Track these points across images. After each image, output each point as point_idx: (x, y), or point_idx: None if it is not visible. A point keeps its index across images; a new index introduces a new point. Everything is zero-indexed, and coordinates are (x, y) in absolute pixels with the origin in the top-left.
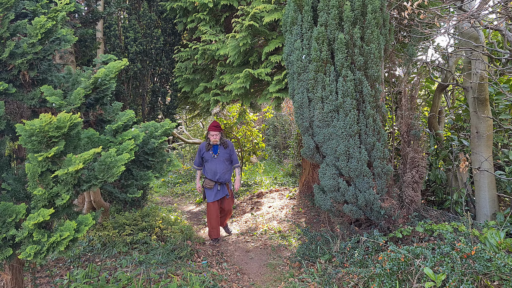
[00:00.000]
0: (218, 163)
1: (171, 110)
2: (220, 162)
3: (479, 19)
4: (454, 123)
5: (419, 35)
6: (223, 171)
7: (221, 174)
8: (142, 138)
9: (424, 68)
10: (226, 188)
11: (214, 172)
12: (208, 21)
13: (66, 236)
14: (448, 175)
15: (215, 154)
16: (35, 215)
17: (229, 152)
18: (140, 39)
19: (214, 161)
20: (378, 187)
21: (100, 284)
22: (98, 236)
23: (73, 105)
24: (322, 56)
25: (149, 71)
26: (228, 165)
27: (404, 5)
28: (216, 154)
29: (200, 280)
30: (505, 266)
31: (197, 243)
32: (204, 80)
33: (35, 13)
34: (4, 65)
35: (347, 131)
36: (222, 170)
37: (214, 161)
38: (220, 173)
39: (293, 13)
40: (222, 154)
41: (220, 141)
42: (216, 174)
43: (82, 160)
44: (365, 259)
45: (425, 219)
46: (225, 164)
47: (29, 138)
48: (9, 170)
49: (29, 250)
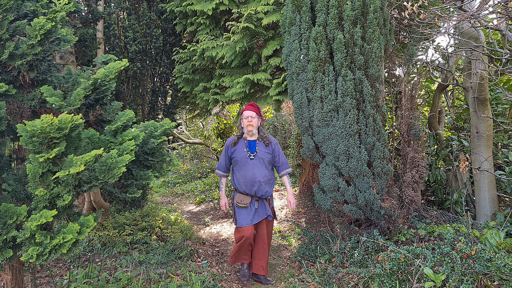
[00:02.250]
0: (256, 167)
1: (171, 110)
2: (259, 166)
3: (479, 19)
4: (454, 123)
5: (419, 35)
6: (264, 180)
7: (261, 185)
8: (142, 138)
9: (424, 68)
10: (267, 206)
11: (250, 181)
12: (207, 24)
13: (69, 238)
14: (448, 175)
15: (251, 154)
16: (37, 216)
17: (272, 152)
18: (139, 38)
19: (249, 164)
20: (378, 187)
21: (100, 284)
22: (98, 236)
23: (73, 105)
24: (321, 56)
25: (149, 71)
26: (270, 171)
27: (404, 5)
28: (254, 154)
29: (200, 280)
30: (505, 266)
31: (197, 243)
32: (203, 80)
33: (35, 13)
34: (3, 66)
35: (347, 131)
36: (263, 177)
37: (250, 164)
38: (260, 182)
39: (291, 13)
40: (262, 153)
41: (259, 133)
42: (254, 184)
43: (84, 162)
44: (365, 259)
45: (425, 219)
46: (266, 169)
47: (30, 139)
48: (10, 171)
49: (31, 252)
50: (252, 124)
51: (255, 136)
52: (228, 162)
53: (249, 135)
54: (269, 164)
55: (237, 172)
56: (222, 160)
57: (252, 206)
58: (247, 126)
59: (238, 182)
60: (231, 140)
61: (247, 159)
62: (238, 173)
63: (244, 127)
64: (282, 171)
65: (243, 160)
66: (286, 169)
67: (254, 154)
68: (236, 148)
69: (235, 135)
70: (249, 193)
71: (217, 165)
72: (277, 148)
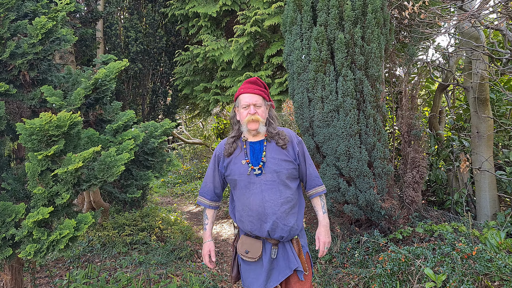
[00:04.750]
0: (267, 188)
1: (171, 110)
2: (271, 185)
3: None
4: (454, 123)
5: (419, 34)
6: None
7: (279, 218)
8: (142, 138)
9: (425, 68)
10: (293, 252)
11: (258, 215)
12: (209, 26)
13: (65, 234)
14: (449, 175)
15: (255, 166)
16: (34, 214)
17: (292, 156)
18: (141, 38)
19: (254, 184)
20: (379, 187)
21: (100, 284)
22: (97, 236)
23: (73, 105)
24: (322, 56)
25: (149, 71)
26: (293, 190)
27: (404, 4)
28: (259, 166)
29: (200, 281)
30: (505, 266)
31: (197, 243)
32: (204, 80)
33: (35, 13)
34: (4, 65)
35: (347, 131)
36: (280, 205)
37: (256, 184)
38: (276, 214)
39: (293, 13)
40: (274, 162)
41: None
42: (265, 218)
43: (82, 158)
44: (366, 259)
45: (425, 219)
46: (286, 188)
47: (29, 137)
48: (9, 170)
49: (29, 249)
50: (258, 119)
51: (261, 135)
52: (220, 183)
53: (251, 134)
54: (290, 178)
55: (237, 199)
56: (209, 179)
57: (266, 257)
58: (249, 123)
59: (240, 216)
60: (222, 147)
61: (249, 177)
62: (239, 202)
63: (243, 123)
64: (311, 189)
65: (243, 179)
66: (317, 186)
67: (260, 165)
68: (231, 159)
69: (229, 135)
70: (258, 234)
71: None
72: (302, 150)
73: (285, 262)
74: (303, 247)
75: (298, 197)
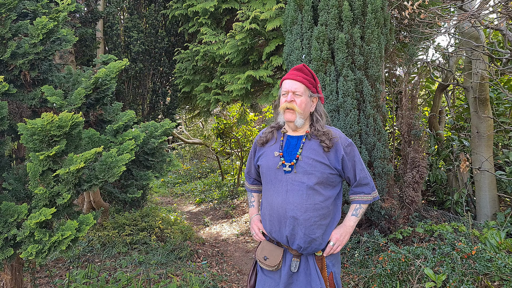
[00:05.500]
0: (293, 188)
1: (171, 110)
2: (298, 187)
3: (479, 18)
4: (454, 123)
5: (419, 34)
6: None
7: (299, 225)
8: (142, 138)
9: (425, 68)
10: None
11: (278, 216)
12: (209, 24)
13: (67, 235)
14: (449, 175)
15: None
16: (36, 214)
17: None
18: (142, 38)
19: (281, 181)
20: (379, 187)
21: (100, 284)
22: (97, 236)
23: (74, 105)
24: (323, 55)
25: (150, 71)
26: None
27: (404, 4)
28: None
29: (200, 281)
30: (505, 266)
31: (196, 243)
32: (204, 80)
33: (35, 13)
34: (5, 65)
35: (348, 131)
36: (304, 210)
37: (282, 181)
38: (296, 219)
39: (293, 12)
40: (308, 163)
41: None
42: (284, 221)
43: (83, 159)
44: (366, 259)
45: (425, 219)
46: (316, 193)
47: (31, 137)
48: (10, 170)
49: (31, 249)
50: (294, 108)
51: (302, 131)
52: (255, 171)
53: (290, 128)
54: (324, 184)
55: (263, 194)
56: (248, 165)
57: (285, 269)
58: (285, 112)
59: (263, 214)
60: (260, 136)
61: (277, 174)
62: (264, 197)
63: (280, 112)
64: (355, 195)
65: (270, 174)
66: (362, 194)
67: (293, 162)
68: (265, 151)
69: (270, 125)
70: (278, 239)
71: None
72: (352, 153)
73: (306, 278)
74: (328, 266)
75: (333, 208)
